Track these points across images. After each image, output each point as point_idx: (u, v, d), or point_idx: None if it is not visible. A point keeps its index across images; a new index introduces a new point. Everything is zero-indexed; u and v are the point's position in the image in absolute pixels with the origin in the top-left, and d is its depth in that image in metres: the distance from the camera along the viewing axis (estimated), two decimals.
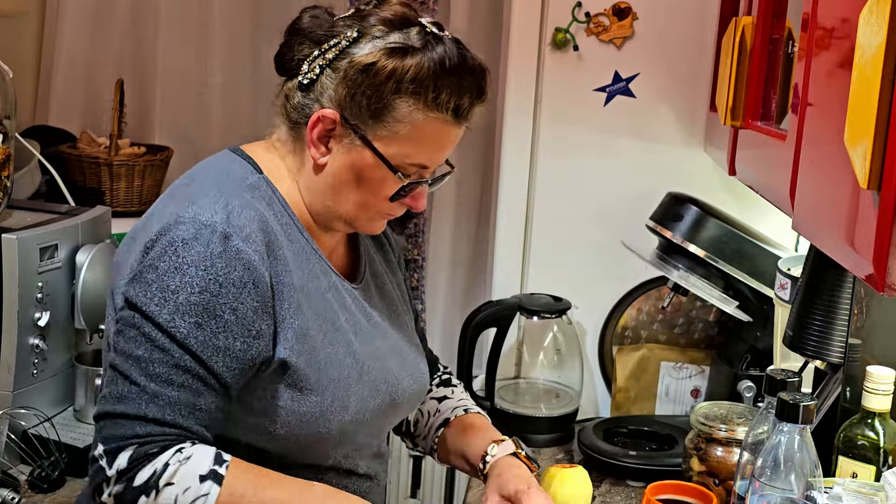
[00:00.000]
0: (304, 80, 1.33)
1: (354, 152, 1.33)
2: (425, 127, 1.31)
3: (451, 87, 1.30)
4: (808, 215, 1.12)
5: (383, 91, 1.29)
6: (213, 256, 1.23)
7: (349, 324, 1.38)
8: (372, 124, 1.31)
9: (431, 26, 1.34)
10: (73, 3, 2.68)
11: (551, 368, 2.23)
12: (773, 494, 1.29)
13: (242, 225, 1.26)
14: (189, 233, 1.24)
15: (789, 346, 1.48)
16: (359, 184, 1.34)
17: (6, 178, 1.83)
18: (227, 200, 1.28)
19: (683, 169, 2.14)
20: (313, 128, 1.32)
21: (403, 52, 1.29)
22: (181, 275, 1.23)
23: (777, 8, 1.48)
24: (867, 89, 0.85)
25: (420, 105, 1.30)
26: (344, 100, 1.31)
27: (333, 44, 1.32)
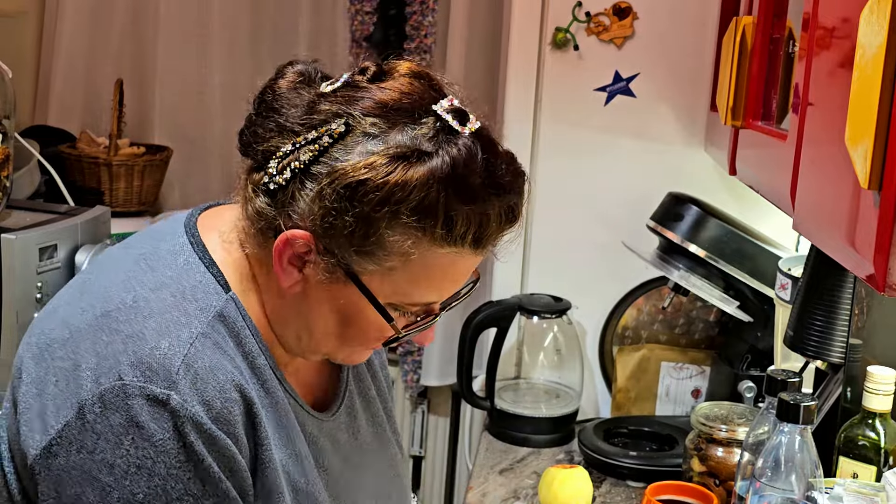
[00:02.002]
0: (270, 183, 0.99)
1: (335, 286, 1.01)
2: (431, 261, 0.99)
3: (470, 215, 0.97)
4: (809, 215, 1.12)
5: (371, 221, 0.96)
6: (188, 448, 0.94)
7: (327, 485, 1.12)
8: (355, 256, 0.98)
9: (450, 116, 0.98)
10: (72, 2, 2.68)
11: (551, 369, 2.23)
12: (773, 495, 1.28)
13: (210, 400, 0.95)
14: (144, 411, 0.93)
15: (790, 347, 1.48)
16: (343, 324, 1.04)
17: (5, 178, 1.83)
18: (190, 356, 0.96)
19: (684, 169, 2.14)
20: (280, 251, 1.00)
21: (406, 164, 0.95)
22: (137, 475, 0.93)
23: (777, 8, 1.48)
24: (868, 89, 0.85)
25: (424, 240, 0.98)
26: (319, 221, 0.97)
27: (311, 139, 0.97)
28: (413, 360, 2.72)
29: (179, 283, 1.02)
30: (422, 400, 2.79)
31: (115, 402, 0.94)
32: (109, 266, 1.07)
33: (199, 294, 1.01)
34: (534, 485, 1.89)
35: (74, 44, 2.70)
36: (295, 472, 1.06)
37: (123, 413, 0.93)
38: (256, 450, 1.01)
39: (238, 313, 1.03)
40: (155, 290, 1.01)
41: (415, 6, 2.54)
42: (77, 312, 1.01)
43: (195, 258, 1.04)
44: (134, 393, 0.94)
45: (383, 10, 2.61)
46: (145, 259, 1.04)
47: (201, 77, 2.75)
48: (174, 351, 0.96)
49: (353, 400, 1.21)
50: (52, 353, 1.00)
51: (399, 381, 2.78)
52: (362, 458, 1.20)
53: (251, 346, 1.03)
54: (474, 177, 0.97)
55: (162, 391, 0.94)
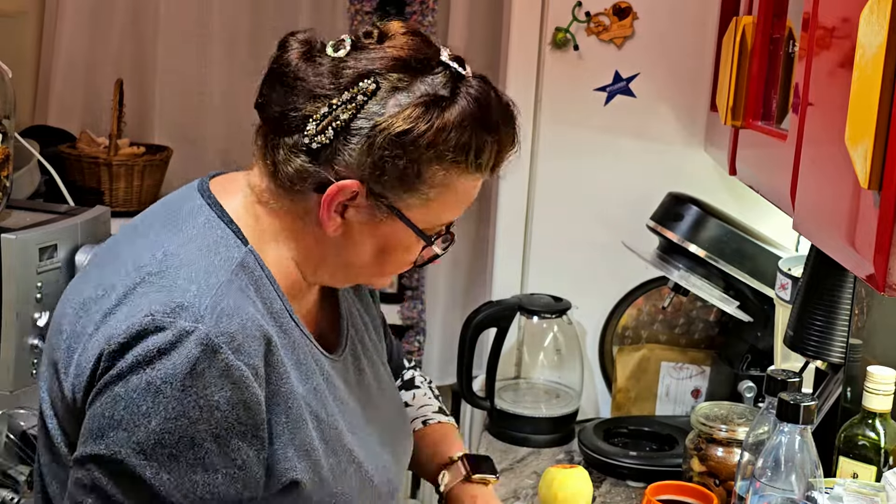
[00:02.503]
0: (312, 143, 1.10)
1: (379, 223, 1.14)
2: (460, 187, 1.14)
3: (492, 144, 1.13)
4: (809, 215, 1.12)
5: (420, 161, 1.10)
6: (196, 374, 1.02)
7: (345, 418, 1.21)
8: (402, 194, 1.12)
9: (454, 63, 1.13)
10: (72, 2, 2.68)
11: (551, 369, 2.23)
12: (773, 495, 1.28)
13: (234, 332, 1.04)
14: (167, 341, 1.02)
15: (790, 347, 1.48)
16: (380, 253, 1.17)
17: (5, 178, 1.83)
18: (216, 297, 1.06)
19: (684, 169, 2.14)
20: (330, 200, 1.11)
21: (439, 110, 1.09)
22: (154, 394, 1.01)
23: (777, 7, 1.48)
24: (868, 89, 0.85)
25: (460, 169, 1.12)
26: (369, 170, 1.09)
27: (347, 99, 1.08)
28: (413, 360, 2.72)
29: (203, 239, 1.12)
30: None
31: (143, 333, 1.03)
32: (134, 234, 1.17)
33: (222, 247, 1.12)
34: (534, 485, 1.89)
35: (74, 44, 2.70)
36: (316, 405, 1.15)
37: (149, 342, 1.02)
38: (277, 384, 1.09)
39: (256, 264, 1.13)
40: (182, 245, 1.11)
41: (415, 6, 2.54)
42: (109, 273, 1.11)
43: (214, 216, 1.14)
44: (162, 325, 1.03)
45: (383, 10, 2.61)
46: (169, 221, 1.15)
47: (201, 77, 2.75)
48: (202, 293, 1.06)
49: (354, 344, 1.31)
50: (87, 310, 1.09)
51: None
52: (369, 396, 1.30)
53: (269, 293, 1.13)
54: (493, 111, 1.13)
55: (190, 324, 1.03)
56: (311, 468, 1.12)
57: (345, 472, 1.18)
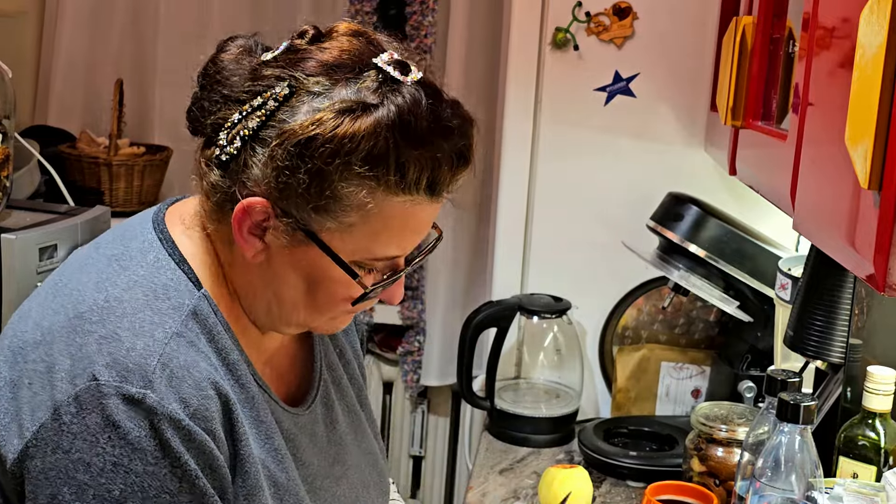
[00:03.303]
0: (222, 155, 1.00)
1: (298, 249, 1.01)
2: (389, 213, 1.00)
3: (421, 160, 0.98)
4: (809, 215, 1.12)
5: (325, 175, 0.96)
6: (164, 444, 0.93)
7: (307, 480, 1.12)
8: (313, 214, 0.99)
9: (391, 68, 0.99)
10: (72, 2, 2.68)
11: (551, 369, 2.23)
12: (773, 495, 1.28)
13: (187, 396, 0.95)
14: (120, 411, 0.93)
15: (790, 347, 1.48)
16: (310, 287, 1.04)
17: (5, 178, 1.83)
18: (166, 355, 0.96)
19: (684, 169, 2.14)
20: (239, 220, 1.00)
21: (351, 116, 0.96)
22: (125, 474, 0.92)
23: (777, 7, 1.48)
24: (868, 89, 0.85)
25: (379, 189, 0.98)
26: (273, 184, 0.98)
27: (257, 105, 0.98)
28: (413, 360, 2.72)
29: (151, 282, 1.01)
30: (422, 400, 2.79)
31: (90, 402, 0.93)
32: (81, 267, 1.06)
33: (172, 292, 1.01)
34: (534, 485, 1.89)
35: (74, 44, 2.70)
36: (274, 468, 1.06)
37: (99, 413, 0.93)
38: (235, 446, 1.01)
39: (210, 310, 1.03)
40: (127, 289, 1.00)
41: (415, 6, 2.54)
42: (49, 314, 1.01)
43: (165, 255, 1.04)
44: (109, 393, 0.93)
45: (383, 10, 2.60)
46: (116, 259, 1.04)
47: None
48: (150, 350, 0.96)
49: (328, 390, 1.20)
50: (24, 356, 0.99)
51: (399, 381, 2.78)
52: (340, 449, 1.20)
53: (224, 343, 1.03)
54: (421, 121, 0.98)
55: (138, 391, 0.94)
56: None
57: None
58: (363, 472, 1.24)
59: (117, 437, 0.93)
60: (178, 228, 1.07)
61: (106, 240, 1.10)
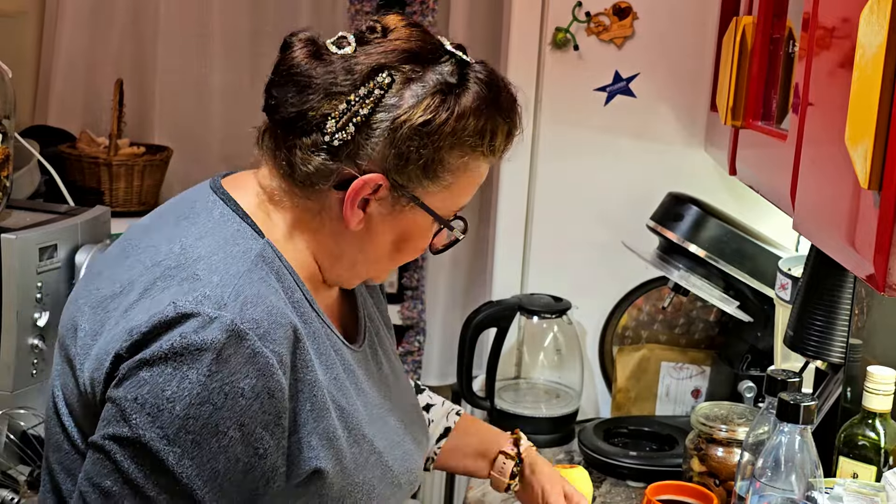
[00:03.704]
0: (333, 140, 1.10)
1: (401, 213, 1.15)
2: (473, 171, 1.17)
3: (503, 128, 1.17)
4: (809, 215, 1.12)
5: (441, 149, 1.12)
6: (221, 360, 1.01)
7: (366, 408, 1.22)
8: (425, 182, 1.14)
9: (458, 51, 1.16)
10: (72, 2, 2.68)
11: (551, 369, 2.23)
12: (773, 495, 1.29)
13: (259, 319, 1.04)
14: (193, 331, 1.02)
15: (790, 347, 1.48)
16: (399, 243, 1.19)
17: (5, 178, 1.83)
18: (239, 286, 1.06)
19: (684, 169, 2.14)
20: (354, 195, 1.12)
21: (454, 97, 1.11)
22: (180, 380, 1.01)
23: (777, 7, 1.48)
24: (868, 89, 0.85)
25: (475, 154, 1.15)
26: (393, 162, 1.11)
27: (364, 95, 1.10)
28: (413, 360, 2.72)
29: (220, 232, 1.12)
30: None
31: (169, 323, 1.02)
32: (146, 231, 1.16)
33: (240, 239, 1.12)
34: None
35: (74, 44, 2.70)
36: (338, 395, 1.15)
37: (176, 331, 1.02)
38: (302, 372, 1.09)
39: (275, 255, 1.13)
40: (199, 238, 1.11)
41: (415, 6, 2.54)
42: (124, 270, 1.11)
43: (229, 210, 1.15)
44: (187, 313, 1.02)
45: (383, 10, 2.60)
46: (184, 217, 1.15)
47: (201, 77, 2.75)
48: (225, 282, 1.06)
49: (371, 336, 1.32)
50: (104, 307, 1.09)
51: None
52: (388, 387, 1.31)
53: (289, 283, 1.13)
54: (502, 94, 1.16)
55: (214, 311, 1.03)
56: (334, 457, 1.12)
57: (367, 462, 1.18)
58: (406, 407, 1.35)
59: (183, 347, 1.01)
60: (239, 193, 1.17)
61: (165, 208, 1.21)
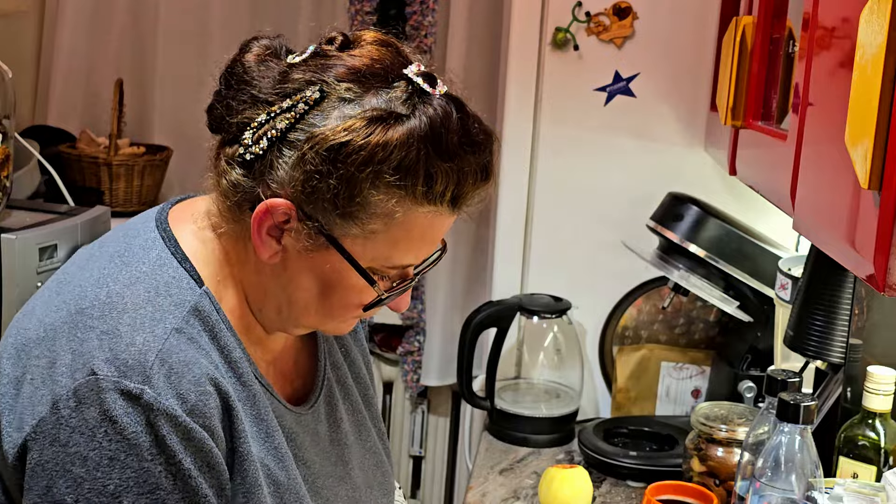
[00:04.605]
0: (246, 154, 1.01)
1: (316, 254, 1.02)
2: (412, 222, 1.01)
3: (449, 172, 1.00)
4: (809, 215, 1.12)
5: (356, 182, 0.97)
6: (160, 440, 0.94)
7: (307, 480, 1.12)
8: (338, 219, 1.00)
9: (420, 80, 1.01)
10: (72, 2, 2.68)
11: (551, 369, 2.23)
12: (773, 495, 1.29)
13: (185, 392, 0.95)
14: (117, 406, 0.93)
15: (790, 347, 1.48)
16: (324, 291, 1.05)
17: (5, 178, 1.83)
18: (164, 352, 0.96)
19: (684, 169, 2.14)
20: (259, 221, 1.01)
21: (384, 126, 0.97)
22: (121, 469, 0.93)
23: (777, 8, 1.48)
24: (868, 89, 0.85)
25: (407, 199, 0.99)
26: (300, 187, 0.99)
27: (286, 107, 0.99)
28: (413, 360, 2.72)
29: (153, 279, 1.02)
30: (422, 400, 2.79)
31: (89, 396, 0.94)
32: (84, 265, 1.07)
33: (174, 289, 1.02)
34: (534, 485, 1.89)
35: (74, 44, 2.70)
36: (274, 467, 1.06)
37: (97, 407, 0.94)
38: (234, 443, 1.01)
39: (212, 307, 1.03)
40: (128, 285, 1.01)
41: (415, 6, 2.54)
42: (52, 311, 1.02)
43: (167, 253, 1.05)
44: (108, 387, 0.94)
45: (383, 10, 2.61)
46: (119, 255, 1.05)
47: (201, 77, 2.73)
48: (148, 346, 0.97)
49: (331, 390, 1.21)
50: (28, 353, 1.00)
51: (399, 381, 2.78)
52: (343, 449, 1.20)
53: (226, 340, 1.03)
54: (451, 134, 0.99)
55: (136, 386, 0.94)
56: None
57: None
58: (367, 472, 1.24)
59: (114, 431, 0.94)
60: (186, 227, 1.08)
61: (109, 238, 1.11)
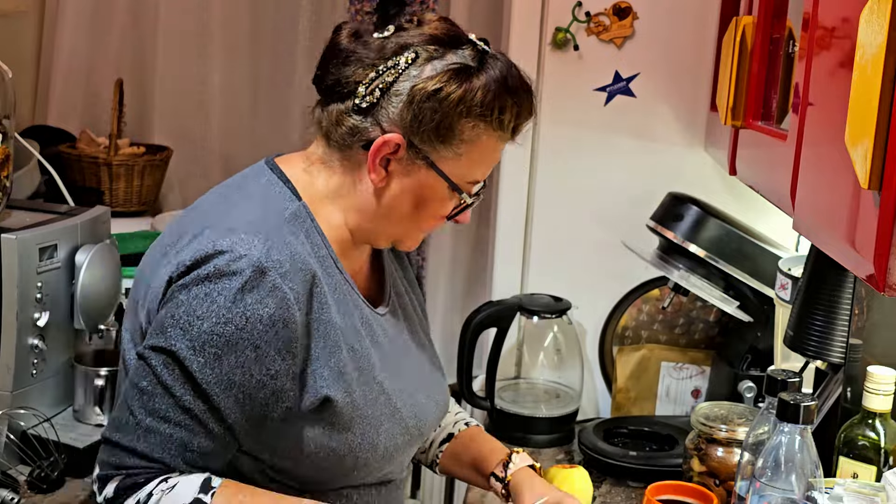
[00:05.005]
0: (362, 103, 1.29)
1: (417, 175, 1.31)
2: (486, 145, 1.32)
3: (513, 107, 1.31)
4: (809, 215, 1.12)
5: (452, 115, 1.27)
6: (246, 289, 1.21)
7: (380, 358, 1.37)
8: (438, 147, 1.29)
9: (480, 42, 1.33)
10: (72, 2, 2.68)
11: (551, 369, 2.23)
12: (773, 495, 1.29)
13: (282, 260, 1.24)
14: (225, 263, 1.22)
15: (790, 347, 1.48)
16: (418, 205, 1.33)
17: (5, 178, 1.83)
18: (268, 233, 1.25)
19: (684, 169, 2.14)
20: (376, 152, 1.29)
21: (468, 74, 1.28)
22: (209, 303, 1.21)
23: (777, 8, 1.48)
24: (868, 89, 0.85)
25: (485, 126, 1.29)
26: (409, 124, 1.28)
27: (391, 66, 1.28)
28: None
29: (263, 194, 1.32)
30: None
31: (207, 257, 1.22)
32: (206, 198, 1.38)
33: (279, 199, 1.31)
34: None
35: (75, 44, 2.70)
36: (352, 338, 1.32)
37: (212, 264, 1.22)
38: (319, 312, 1.27)
39: (308, 216, 1.31)
40: (244, 198, 1.32)
41: (415, 6, 2.54)
42: (183, 224, 1.32)
43: (275, 177, 1.34)
44: (223, 249, 1.22)
45: (383, 9, 2.60)
46: (236, 184, 1.37)
47: (201, 77, 2.75)
48: (257, 229, 1.25)
49: (395, 306, 1.46)
50: (164, 253, 1.29)
51: None
52: (408, 351, 1.46)
53: (317, 241, 1.31)
54: (514, 80, 1.31)
55: (245, 249, 1.22)
56: (343, 388, 1.29)
57: (376, 400, 1.33)
58: (424, 370, 1.49)
59: (216, 275, 1.21)
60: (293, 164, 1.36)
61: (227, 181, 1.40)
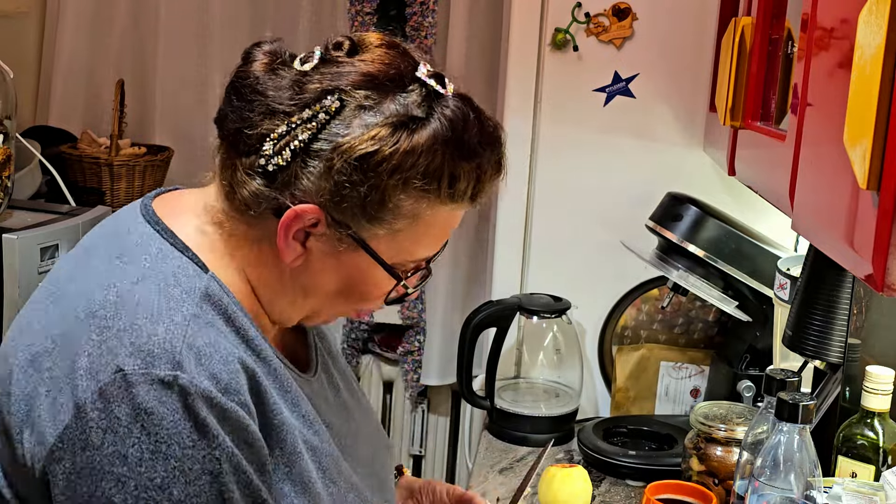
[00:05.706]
0: (268, 165, 1.00)
1: (342, 254, 1.04)
2: (432, 218, 1.05)
3: (470, 171, 1.03)
4: (808, 215, 1.12)
5: (384, 188, 1.00)
6: (200, 425, 0.93)
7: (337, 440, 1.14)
8: (365, 223, 1.02)
9: (432, 81, 1.03)
10: (73, 3, 2.68)
11: (551, 368, 2.24)
12: (772, 494, 1.29)
13: (217, 372, 0.95)
14: (151, 397, 0.92)
15: (789, 346, 1.48)
16: (345, 288, 1.08)
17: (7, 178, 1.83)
18: (189, 336, 0.96)
19: (683, 169, 2.14)
20: (287, 226, 1.02)
21: (408, 131, 1.00)
22: (164, 459, 0.92)
23: (776, 8, 1.48)
24: (867, 89, 0.85)
25: (431, 199, 1.03)
26: (329, 195, 1.00)
27: (307, 118, 0.99)
28: (413, 360, 2.73)
29: (159, 271, 1.01)
30: (422, 399, 2.79)
31: (118, 394, 0.92)
32: (75, 273, 1.04)
33: (181, 278, 1.01)
34: (534, 484, 1.89)
35: (76, 44, 2.70)
36: (308, 434, 1.07)
37: (128, 403, 0.92)
38: (268, 417, 1.01)
39: (222, 291, 1.03)
40: (136, 282, 1.00)
41: (415, 7, 2.55)
42: (56, 321, 0.99)
43: (167, 245, 1.04)
44: (138, 381, 0.92)
45: (383, 10, 2.61)
46: (117, 257, 1.03)
47: (201, 77, 2.75)
48: (172, 334, 0.95)
49: (324, 359, 1.23)
50: (37, 367, 0.97)
51: (399, 381, 2.78)
52: (348, 412, 1.22)
53: (241, 321, 1.03)
54: (470, 134, 1.02)
55: (167, 373, 0.93)
56: (310, 502, 1.05)
57: (345, 500, 1.11)
58: (370, 430, 1.27)
59: (151, 423, 0.92)
60: (183, 220, 1.07)
61: (94, 243, 1.09)
